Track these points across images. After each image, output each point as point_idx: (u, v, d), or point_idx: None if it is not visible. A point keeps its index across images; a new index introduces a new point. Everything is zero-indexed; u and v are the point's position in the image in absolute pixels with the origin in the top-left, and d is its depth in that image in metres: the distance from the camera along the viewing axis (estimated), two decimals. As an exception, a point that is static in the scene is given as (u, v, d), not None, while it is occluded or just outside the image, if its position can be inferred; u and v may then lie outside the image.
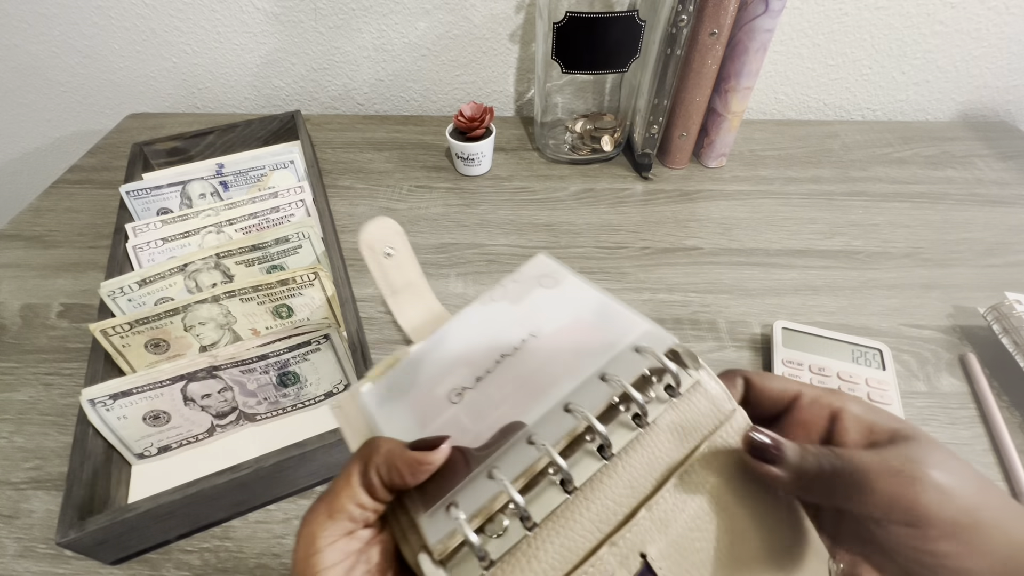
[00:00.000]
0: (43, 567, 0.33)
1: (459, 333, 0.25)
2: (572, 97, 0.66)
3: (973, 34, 0.67)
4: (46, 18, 0.70)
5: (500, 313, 0.26)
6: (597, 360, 0.22)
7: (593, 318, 0.25)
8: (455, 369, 0.24)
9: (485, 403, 0.22)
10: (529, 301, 0.26)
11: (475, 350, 0.24)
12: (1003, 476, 0.35)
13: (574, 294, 0.26)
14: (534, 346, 0.24)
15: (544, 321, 0.25)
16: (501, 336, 0.25)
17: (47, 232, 0.57)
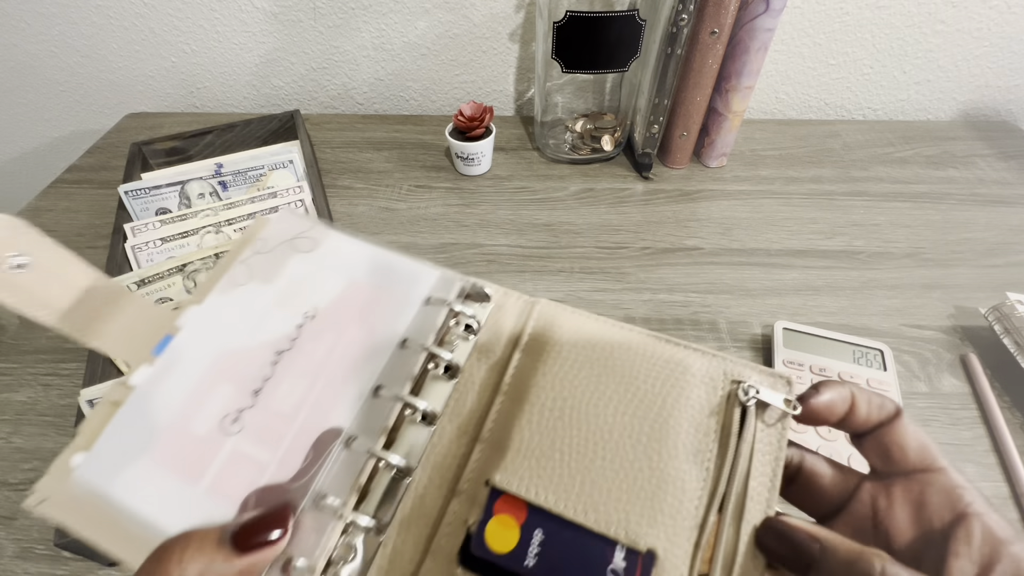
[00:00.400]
0: (41, 568, 0.32)
1: (202, 339, 0.19)
2: (572, 97, 0.66)
3: (974, 33, 0.67)
4: (45, 17, 0.70)
5: (254, 299, 0.20)
6: (393, 326, 0.20)
7: (372, 277, 0.21)
8: (215, 388, 0.18)
9: (276, 420, 0.18)
10: (287, 275, 0.21)
11: (237, 355, 0.19)
12: (1004, 476, 0.35)
13: (340, 252, 0.22)
14: (314, 330, 0.20)
15: (315, 295, 0.21)
16: (267, 328, 0.20)
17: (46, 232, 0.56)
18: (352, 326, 0.20)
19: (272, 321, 0.20)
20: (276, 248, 0.22)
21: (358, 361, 0.19)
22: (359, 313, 0.21)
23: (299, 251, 0.22)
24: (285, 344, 0.20)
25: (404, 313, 0.21)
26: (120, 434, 0.18)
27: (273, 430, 0.18)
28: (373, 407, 0.19)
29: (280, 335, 0.20)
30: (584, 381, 0.20)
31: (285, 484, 0.17)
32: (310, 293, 0.21)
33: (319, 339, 0.20)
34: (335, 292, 0.21)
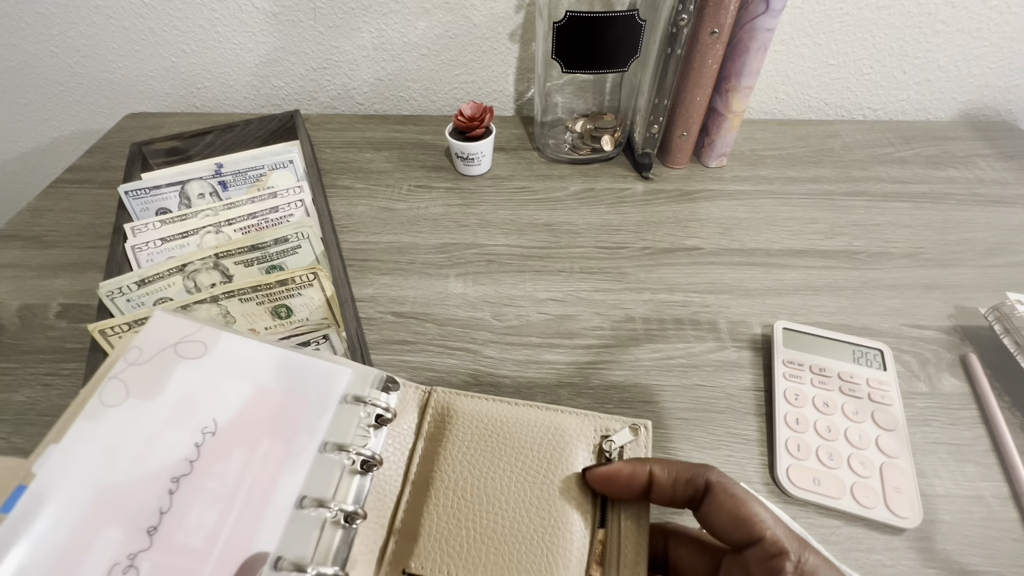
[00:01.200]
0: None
1: (69, 479, 0.16)
2: (572, 97, 0.66)
3: (975, 33, 0.67)
4: (44, 17, 0.70)
5: (134, 420, 0.17)
6: (312, 431, 0.19)
7: (282, 381, 0.19)
8: (96, 535, 0.16)
9: (185, 558, 0.16)
10: (174, 387, 0.18)
11: (120, 490, 0.16)
12: (1004, 477, 0.35)
13: (239, 356, 0.19)
14: (217, 447, 0.18)
15: (214, 407, 0.18)
16: (157, 453, 0.17)
17: (45, 232, 0.57)
18: (265, 437, 0.18)
19: (163, 444, 0.17)
20: (156, 357, 0.19)
21: (278, 475, 0.18)
22: (271, 422, 0.19)
23: (185, 358, 0.19)
24: (183, 468, 0.17)
25: (322, 416, 0.19)
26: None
27: (182, 570, 0.16)
28: (299, 520, 0.17)
29: (175, 458, 0.17)
30: (481, 458, 0.22)
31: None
32: (207, 405, 0.18)
33: (228, 456, 0.18)
34: (240, 401, 0.19)
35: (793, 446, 0.36)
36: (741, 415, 0.39)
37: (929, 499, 0.34)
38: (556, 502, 0.21)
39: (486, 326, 0.46)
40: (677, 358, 0.43)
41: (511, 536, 0.20)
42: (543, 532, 0.20)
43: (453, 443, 0.22)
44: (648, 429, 0.24)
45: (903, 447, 0.36)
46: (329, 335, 0.36)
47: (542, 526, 0.20)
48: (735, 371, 0.42)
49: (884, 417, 0.37)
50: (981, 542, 0.32)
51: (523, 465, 0.22)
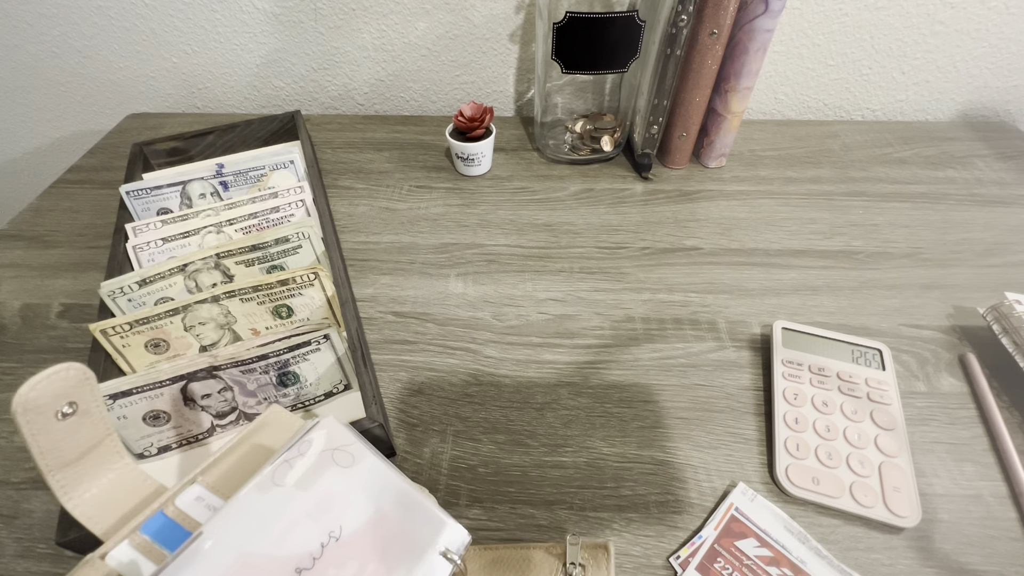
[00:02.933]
0: (43, 567, 0.33)
1: (227, 541, 0.18)
2: (572, 97, 0.66)
3: (973, 34, 0.67)
4: (46, 18, 0.70)
5: (286, 503, 0.20)
6: (409, 570, 0.20)
7: (396, 512, 0.21)
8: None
9: None
10: (320, 485, 0.20)
11: (260, 559, 0.18)
12: (1003, 476, 0.35)
13: (373, 478, 0.22)
14: (337, 553, 0.19)
15: (345, 516, 0.20)
16: (293, 539, 0.19)
17: (47, 232, 0.57)
18: (373, 560, 0.20)
19: (299, 533, 0.20)
20: (319, 455, 0.21)
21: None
22: (383, 547, 0.21)
23: (338, 464, 0.22)
24: (307, 563, 0.19)
25: (423, 560, 0.21)
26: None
27: None
28: None
29: (304, 552, 0.19)
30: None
31: None
32: (340, 511, 0.21)
33: (342, 565, 0.20)
34: (364, 518, 0.21)
35: (792, 445, 0.36)
36: (740, 414, 0.39)
37: (928, 498, 0.34)
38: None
39: (486, 326, 0.46)
40: (676, 358, 0.43)
41: None
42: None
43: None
44: (610, 550, 0.29)
45: (902, 446, 0.36)
46: (330, 335, 0.36)
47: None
48: (734, 371, 0.42)
49: (883, 416, 0.37)
50: (980, 541, 0.32)
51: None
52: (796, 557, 0.31)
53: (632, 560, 0.32)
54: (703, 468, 0.36)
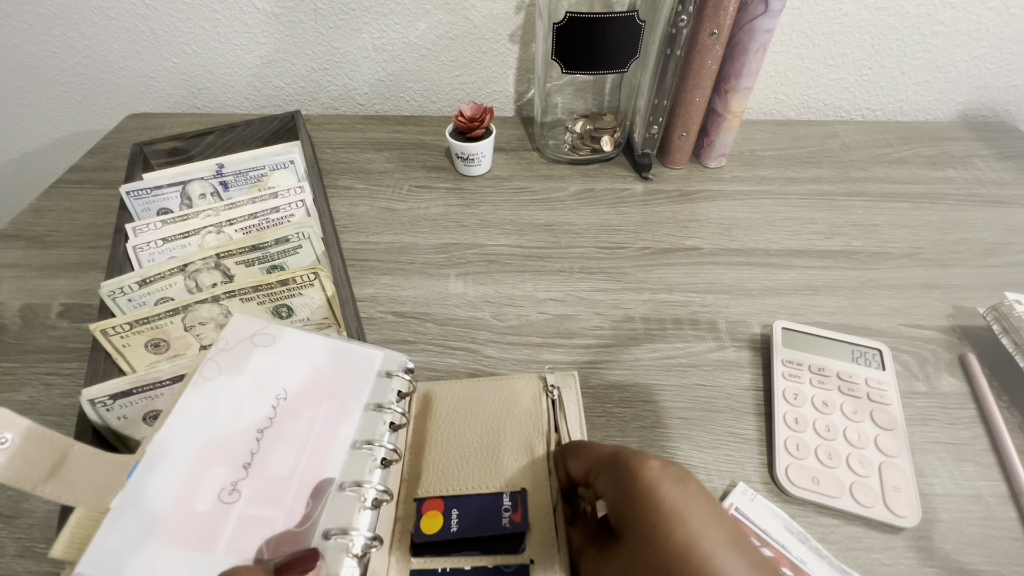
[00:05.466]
0: (43, 567, 0.33)
1: (185, 434, 0.22)
2: (572, 97, 0.66)
3: (973, 34, 0.67)
4: (46, 18, 0.70)
5: (226, 391, 0.23)
6: (359, 396, 0.25)
7: (332, 362, 0.26)
8: (209, 469, 0.21)
9: (273, 484, 0.21)
10: (252, 366, 0.24)
11: (222, 440, 0.22)
12: (1003, 476, 0.35)
13: (298, 345, 0.26)
14: (289, 408, 0.24)
15: (284, 381, 0.24)
16: (245, 413, 0.23)
17: (47, 232, 0.57)
18: (325, 400, 0.24)
19: (248, 407, 0.23)
20: (238, 345, 0.25)
21: (337, 426, 0.24)
22: (328, 390, 0.25)
23: (259, 346, 0.25)
24: (265, 423, 0.23)
25: (365, 386, 0.26)
26: (116, 533, 0.19)
27: (272, 492, 0.21)
28: (354, 457, 0.23)
29: (259, 417, 0.23)
30: (457, 418, 0.30)
31: (294, 530, 0.20)
32: (279, 379, 0.24)
33: (298, 415, 0.23)
34: (303, 377, 0.25)
35: (792, 445, 0.36)
36: (740, 414, 0.39)
37: (928, 498, 0.34)
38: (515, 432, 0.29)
39: (486, 326, 0.46)
40: (676, 358, 0.43)
41: (487, 463, 0.28)
42: (509, 451, 0.28)
43: (436, 412, 0.30)
44: (576, 377, 0.35)
45: (902, 446, 0.36)
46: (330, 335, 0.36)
47: (507, 447, 0.28)
48: (734, 371, 0.42)
49: (883, 416, 0.37)
50: (980, 541, 0.32)
51: (488, 414, 0.30)
52: (796, 557, 0.31)
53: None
54: (703, 468, 0.36)
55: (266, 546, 0.20)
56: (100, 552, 0.18)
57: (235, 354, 0.24)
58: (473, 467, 0.27)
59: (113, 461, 0.21)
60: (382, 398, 0.26)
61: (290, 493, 0.21)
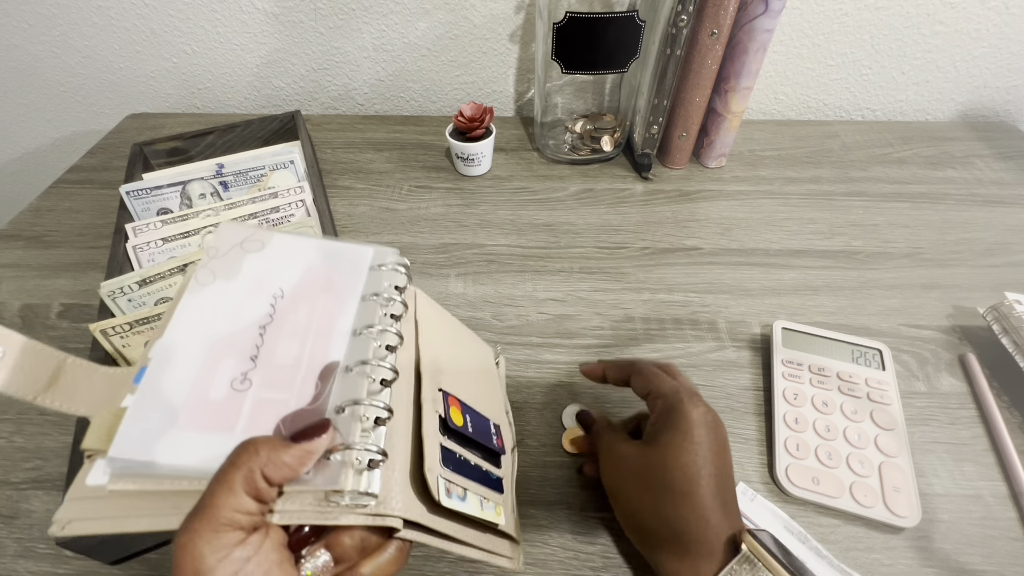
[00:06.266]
0: (43, 567, 0.33)
1: (189, 335, 0.23)
2: (572, 97, 0.66)
3: (973, 34, 0.67)
4: (46, 18, 0.70)
5: (223, 294, 0.24)
6: (353, 289, 0.26)
7: (324, 261, 0.27)
8: (218, 364, 0.22)
9: (280, 370, 0.23)
10: (246, 271, 0.25)
11: (227, 339, 0.23)
12: (1003, 476, 0.35)
13: (288, 248, 0.27)
14: (287, 305, 0.25)
15: (279, 281, 0.25)
16: (245, 312, 0.24)
17: (47, 232, 0.57)
18: (321, 295, 0.25)
19: (247, 307, 0.24)
20: (229, 252, 0.26)
21: (335, 316, 0.25)
22: (323, 285, 0.26)
23: (250, 252, 0.26)
24: (266, 319, 0.24)
25: (358, 279, 0.27)
26: (138, 424, 0.20)
27: (282, 377, 0.22)
28: (356, 342, 0.24)
29: (259, 315, 0.24)
30: (450, 337, 0.32)
31: (307, 407, 0.21)
32: (274, 280, 0.25)
33: (296, 309, 0.25)
34: (296, 276, 0.26)
35: (792, 445, 0.36)
36: (740, 414, 0.39)
37: (928, 498, 0.34)
38: (489, 379, 0.35)
39: (486, 326, 0.46)
40: (676, 358, 0.43)
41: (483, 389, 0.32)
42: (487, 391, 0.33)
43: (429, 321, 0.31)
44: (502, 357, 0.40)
45: (902, 446, 0.36)
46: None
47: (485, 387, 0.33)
48: (734, 371, 0.42)
49: (883, 416, 0.37)
50: (980, 541, 0.32)
51: (470, 352, 0.34)
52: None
53: (634, 561, 0.32)
54: (703, 468, 0.36)
55: (282, 423, 0.21)
56: (128, 438, 0.20)
57: (227, 260, 0.25)
58: (471, 387, 0.31)
59: (109, 374, 0.23)
60: (376, 288, 0.26)
61: (298, 377, 0.22)
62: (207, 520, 0.17)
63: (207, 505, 0.17)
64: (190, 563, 0.17)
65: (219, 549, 0.17)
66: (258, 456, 0.18)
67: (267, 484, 0.18)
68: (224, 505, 0.17)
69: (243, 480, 0.18)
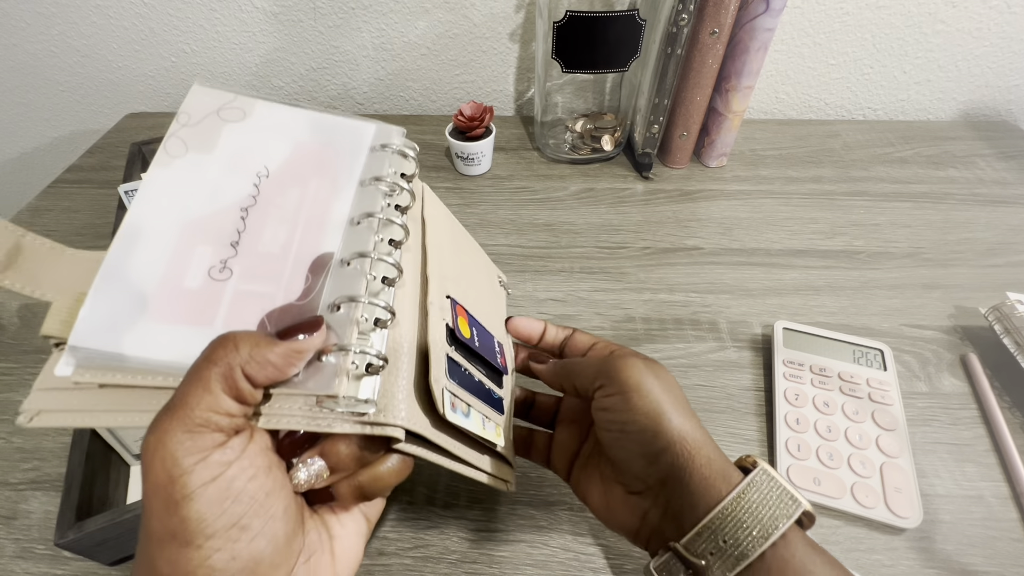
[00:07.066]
0: (42, 568, 0.32)
1: (159, 211, 0.20)
2: (572, 96, 0.66)
3: (974, 33, 0.67)
4: (45, 17, 0.70)
5: (197, 169, 0.21)
6: (350, 172, 0.23)
7: (316, 136, 0.23)
8: (193, 249, 0.20)
9: (265, 260, 0.20)
10: (224, 143, 0.22)
11: (202, 221, 0.20)
12: (1004, 477, 0.35)
13: (274, 120, 0.23)
14: (272, 186, 0.22)
15: (263, 158, 0.22)
16: (225, 192, 0.21)
17: (46, 232, 0.56)
18: (313, 177, 0.22)
19: (226, 186, 0.21)
20: (203, 120, 0.22)
21: (329, 202, 0.22)
22: (315, 166, 0.23)
23: (229, 121, 0.22)
24: (248, 201, 0.21)
25: (356, 160, 0.23)
26: (105, 307, 0.18)
27: (266, 268, 0.20)
28: (354, 232, 0.21)
29: (240, 195, 0.21)
30: (458, 243, 0.30)
31: (296, 303, 0.19)
32: (256, 157, 0.22)
33: (284, 192, 0.22)
34: (283, 154, 0.22)
35: (793, 446, 0.36)
36: (741, 415, 0.39)
37: (929, 499, 0.34)
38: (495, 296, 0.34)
39: (486, 326, 0.46)
40: (677, 358, 0.43)
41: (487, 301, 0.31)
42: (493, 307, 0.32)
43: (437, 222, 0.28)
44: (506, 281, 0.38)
45: (903, 447, 0.36)
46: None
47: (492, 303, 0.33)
48: (735, 371, 0.42)
49: (884, 417, 0.37)
50: (981, 542, 0.32)
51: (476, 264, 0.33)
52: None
53: (633, 561, 0.32)
54: (704, 469, 0.36)
55: (267, 319, 0.19)
56: (89, 325, 0.17)
57: (201, 130, 0.22)
58: (478, 300, 0.29)
59: (77, 256, 0.20)
60: (378, 171, 0.23)
61: (286, 269, 0.20)
62: (179, 420, 0.15)
63: (179, 404, 0.16)
64: (160, 466, 0.15)
65: (194, 452, 0.15)
66: (237, 352, 0.16)
67: (249, 384, 0.16)
68: (198, 404, 0.16)
69: (220, 378, 0.16)
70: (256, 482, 0.16)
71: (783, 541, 0.20)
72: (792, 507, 0.20)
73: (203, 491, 0.15)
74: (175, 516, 0.15)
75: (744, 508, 0.20)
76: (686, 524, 0.21)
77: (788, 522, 0.20)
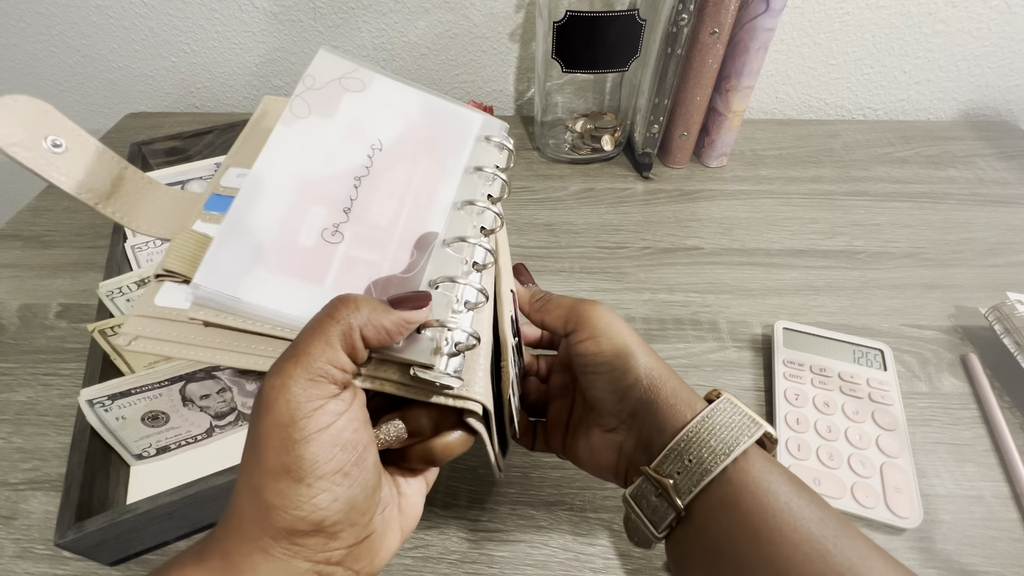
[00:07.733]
0: (42, 568, 0.32)
1: (281, 168, 0.21)
2: (572, 96, 0.66)
3: (975, 33, 0.67)
4: (44, 17, 0.70)
5: (318, 132, 0.22)
6: (459, 159, 0.24)
7: (427, 119, 0.25)
8: (308, 209, 0.21)
9: (375, 230, 0.21)
10: (343, 111, 0.23)
11: (318, 184, 0.21)
12: (1005, 477, 0.35)
13: (391, 95, 0.24)
14: (385, 160, 0.23)
15: (378, 132, 0.23)
16: (340, 160, 0.22)
17: (45, 232, 0.57)
18: (422, 158, 0.23)
19: (343, 153, 0.22)
20: (327, 86, 0.23)
21: (436, 184, 0.23)
22: (425, 147, 0.24)
23: (349, 90, 0.23)
24: (362, 171, 0.22)
25: (464, 147, 0.25)
26: (225, 255, 0.19)
27: (375, 237, 0.21)
28: (457, 216, 0.23)
29: (355, 164, 0.22)
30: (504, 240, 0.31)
31: (400, 275, 0.20)
32: (372, 129, 0.23)
33: (395, 167, 0.23)
34: (396, 131, 0.23)
35: (793, 446, 0.36)
36: (741, 415, 0.39)
37: (929, 499, 0.34)
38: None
39: (486, 326, 0.46)
40: (677, 358, 0.43)
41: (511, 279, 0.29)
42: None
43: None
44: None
45: (903, 447, 0.36)
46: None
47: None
48: (735, 371, 0.42)
49: (884, 417, 0.37)
50: (981, 542, 0.32)
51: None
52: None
53: (633, 562, 0.32)
54: (704, 469, 0.36)
55: (373, 286, 0.20)
56: (215, 269, 0.18)
57: (324, 94, 0.23)
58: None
59: (172, 193, 0.21)
60: (481, 162, 0.25)
61: (393, 241, 0.21)
62: (303, 367, 0.16)
63: (303, 353, 0.17)
64: (284, 407, 0.16)
65: (314, 399, 0.16)
66: (359, 313, 0.17)
67: (363, 344, 0.18)
68: (320, 355, 0.17)
69: (341, 334, 0.17)
70: (358, 434, 0.18)
71: (744, 458, 0.21)
72: (753, 428, 0.21)
73: (318, 436, 0.16)
74: (292, 454, 0.16)
75: (708, 430, 0.22)
76: (655, 449, 0.23)
77: (749, 440, 0.21)
